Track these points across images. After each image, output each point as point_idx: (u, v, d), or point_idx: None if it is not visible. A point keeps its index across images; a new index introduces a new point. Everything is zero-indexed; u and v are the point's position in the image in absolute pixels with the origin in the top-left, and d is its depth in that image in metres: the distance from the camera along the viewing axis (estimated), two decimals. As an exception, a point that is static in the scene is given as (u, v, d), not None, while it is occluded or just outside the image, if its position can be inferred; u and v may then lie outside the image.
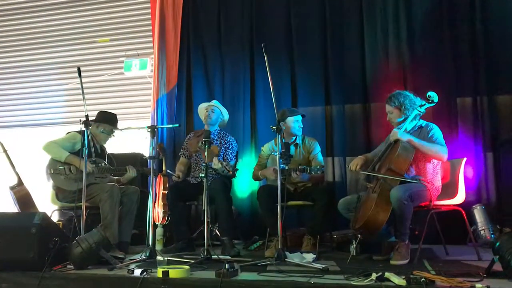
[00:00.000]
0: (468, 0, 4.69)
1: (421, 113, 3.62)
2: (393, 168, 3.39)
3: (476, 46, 4.63)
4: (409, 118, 3.57)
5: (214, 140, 4.34)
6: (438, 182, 3.60)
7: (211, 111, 4.47)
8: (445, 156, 3.51)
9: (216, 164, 3.98)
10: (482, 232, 3.91)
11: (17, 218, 3.52)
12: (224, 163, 3.90)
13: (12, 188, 4.64)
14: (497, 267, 2.69)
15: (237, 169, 4.03)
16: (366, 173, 3.58)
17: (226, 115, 4.60)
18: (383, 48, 4.89)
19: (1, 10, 6.66)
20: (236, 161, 4.52)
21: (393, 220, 3.37)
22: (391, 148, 3.52)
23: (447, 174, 3.74)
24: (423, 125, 3.67)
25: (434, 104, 3.60)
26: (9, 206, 4.72)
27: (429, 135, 3.56)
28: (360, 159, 3.76)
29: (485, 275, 2.63)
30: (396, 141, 3.50)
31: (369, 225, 3.28)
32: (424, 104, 3.57)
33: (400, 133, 3.48)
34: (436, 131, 3.60)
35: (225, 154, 4.38)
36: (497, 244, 2.70)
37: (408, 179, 3.43)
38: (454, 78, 4.65)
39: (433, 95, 3.55)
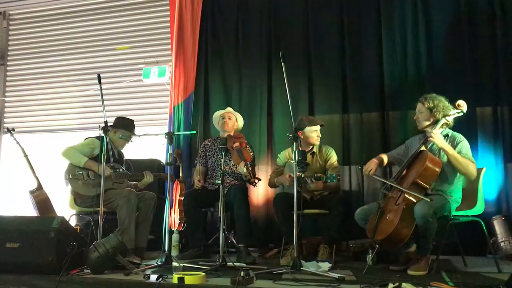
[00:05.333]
0: (488, 9, 4.65)
1: (448, 123, 3.50)
2: (419, 181, 3.29)
3: (496, 55, 4.59)
4: (438, 124, 3.45)
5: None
6: (458, 193, 3.53)
7: (229, 118, 4.49)
8: (474, 175, 3.40)
9: (241, 168, 4.01)
10: (502, 244, 3.86)
11: (36, 222, 3.55)
12: (250, 170, 3.90)
13: (31, 192, 4.71)
14: (518, 280, 2.64)
15: (260, 179, 4.01)
16: (389, 183, 3.51)
17: (241, 122, 4.62)
18: (401, 57, 4.87)
19: (20, 19, 6.82)
20: (254, 166, 4.53)
21: (415, 231, 3.29)
22: (418, 159, 3.42)
23: (466, 184, 3.67)
24: (449, 134, 3.54)
25: (463, 114, 3.50)
26: (28, 210, 4.78)
27: (456, 149, 3.42)
28: (374, 163, 3.71)
29: (505, 288, 2.59)
30: (422, 151, 3.42)
31: (392, 239, 3.24)
32: (454, 114, 3.48)
33: (439, 138, 3.36)
34: (465, 145, 3.46)
35: None
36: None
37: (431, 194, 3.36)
38: (473, 88, 4.59)
39: (463, 104, 3.46)
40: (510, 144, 4.45)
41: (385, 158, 3.84)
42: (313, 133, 4.17)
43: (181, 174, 4.91)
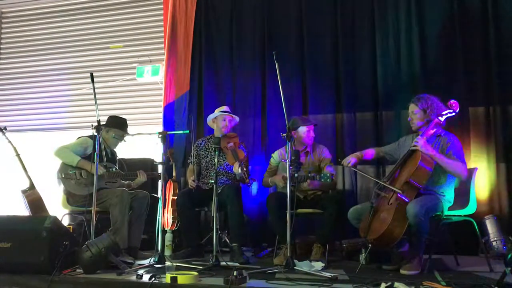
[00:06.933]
0: (480, 10, 4.68)
1: (441, 122, 3.54)
2: (412, 181, 3.31)
3: (489, 55, 4.61)
4: (430, 124, 3.49)
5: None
6: (451, 193, 3.55)
7: (229, 121, 4.48)
8: (464, 175, 3.42)
9: (236, 169, 4.01)
10: (494, 243, 3.88)
11: (29, 222, 3.53)
12: (245, 170, 3.89)
13: (24, 191, 4.67)
14: (509, 279, 2.65)
15: (255, 180, 4.00)
16: (381, 183, 3.51)
17: (234, 122, 4.62)
18: (394, 57, 4.88)
19: (13, 17, 6.78)
20: (247, 165, 4.52)
21: (407, 231, 3.31)
22: (411, 158, 3.44)
23: (459, 184, 3.69)
24: (441, 134, 3.57)
25: (455, 114, 3.54)
26: (20, 209, 4.75)
27: (447, 149, 3.45)
28: (355, 156, 3.82)
29: (496, 287, 2.60)
30: (415, 150, 3.43)
31: (384, 239, 3.25)
32: (446, 113, 3.51)
33: (422, 145, 3.38)
34: (456, 145, 3.49)
35: None
36: (509, 255, 2.66)
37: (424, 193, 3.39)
38: (466, 87, 4.62)
39: (455, 104, 3.51)
40: (503, 144, 4.47)
41: (370, 153, 3.92)
42: (306, 132, 4.17)
43: (174, 174, 4.90)
